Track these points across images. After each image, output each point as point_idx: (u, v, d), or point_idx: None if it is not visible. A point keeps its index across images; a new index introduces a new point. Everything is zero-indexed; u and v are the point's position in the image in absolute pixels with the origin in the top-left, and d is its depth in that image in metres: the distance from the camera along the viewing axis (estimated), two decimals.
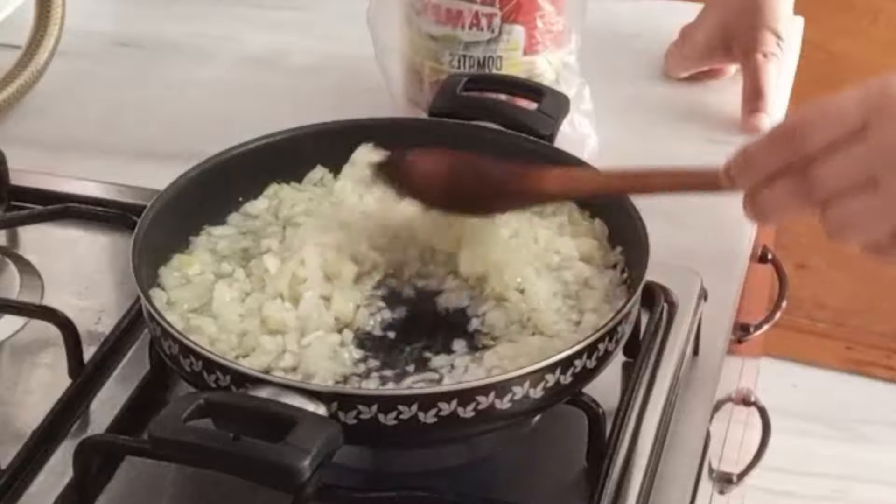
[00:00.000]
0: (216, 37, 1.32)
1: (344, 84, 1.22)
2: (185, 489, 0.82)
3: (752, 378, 1.53)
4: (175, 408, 0.71)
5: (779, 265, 1.27)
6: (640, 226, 0.85)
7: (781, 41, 1.19)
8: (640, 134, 1.15)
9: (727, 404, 1.19)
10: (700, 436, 0.88)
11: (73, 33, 1.24)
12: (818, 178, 0.72)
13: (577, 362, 0.77)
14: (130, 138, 1.16)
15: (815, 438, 2.24)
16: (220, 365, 0.75)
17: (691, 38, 1.23)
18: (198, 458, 0.71)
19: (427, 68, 1.11)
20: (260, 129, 0.95)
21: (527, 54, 1.09)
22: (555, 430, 0.84)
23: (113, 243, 1.01)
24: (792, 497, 2.12)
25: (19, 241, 1.02)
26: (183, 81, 1.25)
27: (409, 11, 1.11)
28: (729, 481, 1.21)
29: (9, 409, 0.86)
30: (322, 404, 0.72)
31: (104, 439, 0.82)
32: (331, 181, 0.95)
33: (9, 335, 0.91)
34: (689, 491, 0.85)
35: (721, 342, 0.95)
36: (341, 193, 0.93)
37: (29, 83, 1.19)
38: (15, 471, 0.80)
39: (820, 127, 0.72)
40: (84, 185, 1.06)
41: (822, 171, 0.72)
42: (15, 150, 1.07)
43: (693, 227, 1.03)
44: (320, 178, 0.95)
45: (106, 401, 0.85)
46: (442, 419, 0.74)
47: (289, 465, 0.67)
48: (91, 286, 0.97)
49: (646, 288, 0.86)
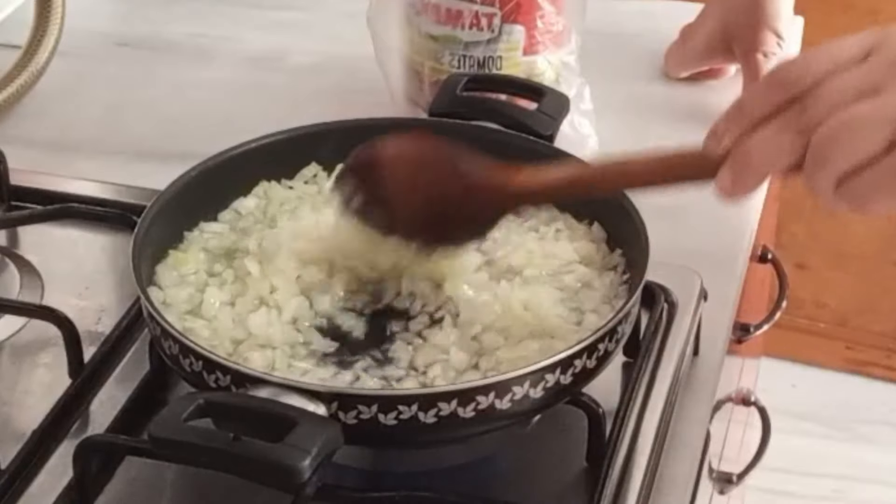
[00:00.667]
0: (216, 37, 1.32)
1: (344, 84, 1.22)
2: (185, 489, 0.82)
3: (752, 378, 1.53)
4: (175, 408, 0.71)
5: (779, 265, 1.27)
6: (640, 226, 0.85)
7: (782, 41, 1.19)
8: (640, 134, 1.15)
9: (727, 404, 1.19)
10: (700, 436, 0.88)
11: (73, 33, 1.24)
12: (818, 95, 0.68)
13: (577, 362, 0.77)
14: (130, 138, 1.16)
15: (815, 438, 2.24)
16: (220, 365, 0.75)
17: (691, 38, 1.23)
18: (198, 458, 0.71)
19: (427, 68, 1.11)
20: (259, 129, 0.95)
21: (527, 54, 1.09)
22: (555, 430, 0.84)
23: (113, 243, 1.01)
24: (792, 497, 2.12)
25: (19, 241, 1.02)
26: (183, 81, 1.25)
27: (409, 11, 1.11)
28: (729, 481, 1.21)
29: (9, 409, 0.86)
30: (322, 404, 0.72)
31: (104, 439, 0.82)
32: (323, 179, 0.95)
33: (9, 335, 0.91)
34: (689, 491, 0.85)
35: (721, 342, 0.95)
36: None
37: (29, 83, 1.19)
38: (15, 471, 0.80)
39: (821, 59, 0.69)
40: (84, 185, 1.06)
41: (823, 89, 0.68)
42: (15, 150, 1.07)
43: (693, 227, 1.03)
44: (313, 176, 0.95)
45: (106, 401, 0.85)
46: (442, 419, 0.74)
47: (289, 465, 0.67)
48: (91, 286, 0.97)
49: (646, 288, 0.86)
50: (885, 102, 0.67)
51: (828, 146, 0.68)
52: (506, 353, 0.80)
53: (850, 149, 0.67)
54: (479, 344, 0.81)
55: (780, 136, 0.69)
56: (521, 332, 0.82)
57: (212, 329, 0.82)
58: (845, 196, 0.69)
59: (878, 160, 0.67)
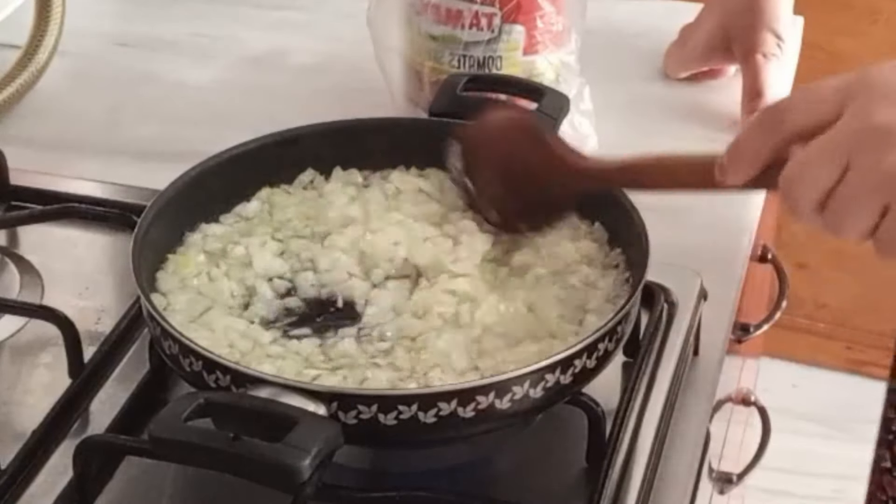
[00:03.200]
0: (216, 37, 1.32)
1: (344, 84, 1.22)
2: (185, 489, 0.82)
3: (752, 378, 1.53)
4: (175, 408, 0.71)
5: (779, 265, 1.27)
6: (640, 226, 0.85)
7: (781, 42, 1.19)
8: (640, 134, 1.15)
9: (727, 404, 1.19)
10: (700, 436, 0.88)
11: (73, 33, 1.24)
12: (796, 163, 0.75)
13: (577, 362, 0.77)
14: (130, 138, 1.16)
15: (815, 438, 2.24)
16: (220, 365, 0.75)
17: (691, 38, 1.23)
18: (198, 458, 0.71)
19: (427, 68, 1.11)
20: (260, 129, 0.95)
21: (527, 54, 1.09)
22: (555, 430, 0.84)
23: (113, 243, 1.01)
24: (792, 497, 2.12)
25: (19, 241, 1.02)
26: (183, 81, 1.25)
27: (409, 11, 1.11)
28: (729, 481, 1.21)
29: (9, 409, 0.86)
30: (322, 404, 0.72)
31: (104, 439, 0.82)
32: (322, 183, 0.95)
33: (9, 335, 0.91)
34: (689, 491, 0.85)
35: (721, 342, 0.95)
36: (331, 196, 0.93)
37: (29, 83, 1.19)
38: (15, 471, 0.80)
39: (800, 109, 0.75)
40: (84, 185, 1.06)
41: (798, 159, 0.74)
42: (15, 150, 1.07)
43: (693, 227, 1.03)
44: (310, 181, 0.95)
45: (106, 401, 0.85)
46: (442, 419, 0.74)
47: (289, 465, 0.67)
48: (91, 286, 0.97)
49: (646, 288, 0.86)
50: (859, 181, 0.74)
51: (833, 226, 0.75)
52: (507, 355, 0.80)
53: (853, 226, 0.75)
54: (480, 345, 0.81)
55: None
56: (523, 332, 0.82)
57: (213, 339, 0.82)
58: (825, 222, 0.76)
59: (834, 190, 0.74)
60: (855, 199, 0.73)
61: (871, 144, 0.73)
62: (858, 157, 0.73)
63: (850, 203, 0.74)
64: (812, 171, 0.74)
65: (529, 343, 0.81)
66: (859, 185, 0.73)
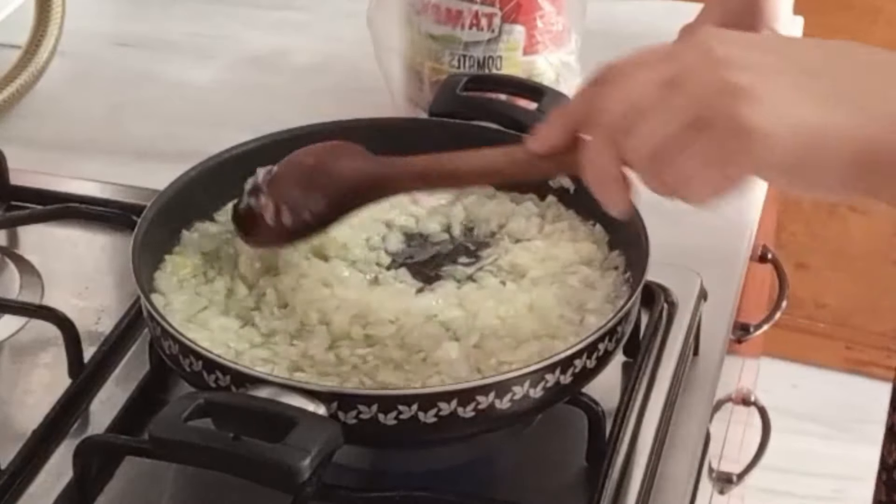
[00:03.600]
0: (216, 37, 1.32)
1: (344, 84, 1.22)
2: (185, 489, 0.82)
3: (752, 378, 1.53)
4: (175, 408, 0.71)
5: (779, 265, 1.27)
6: (640, 227, 0.85)
7: None
8: None
9: (727, 404, 1.19)
10: (700, 436, 0.88)
11: (73, 33, 1.24)
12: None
13: (577, 362, 0.77)
14: (130, 138, 1.16)
15: (815, 438, 2.24)
16: (220, 365, 0.75)
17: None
18: (198, 458, 0.71)
19: (427, 68, 1.11)
20: (260, 129, 0.95)
21: (527, 54, 1.09)
22: (555, 430, 0.84)
23: (113, 243, 1.01)
24: (792, 497, 2.12)
25: (19, 241, 1.02)
26: (183, 81, 1.25)
27: (409, 11, 1.11)
28: (729, 481, 1.21)
29: (9, 409, 0.86)
30: (322, 404, 0.72)
31: (104, 439, 0.82)
32: None
33: (9, 335, 0.91)
34: (689, 491, 0.85)
35: (721, 342, 0.95)
36: None
37: (29, 83, 1.19)
38: (15, 471, 0.80)
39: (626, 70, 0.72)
40: (84, 185, 1.06)
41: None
42: (15, 150, 1.07)
43: (693, 227, 1.03)
44: None
45: (106, 401, 0.85)
46: (442, 419, 0.74)
47: (289, 465, 0.67)
48: (91, 286, 0.97)
49: (646, 288, 0.86)
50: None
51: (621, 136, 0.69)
52: (507, 355, 0.80)
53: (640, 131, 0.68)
54: (481, 346, 0.81)
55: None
56: (524, 333, 0.82)
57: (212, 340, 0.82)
58: (665, 186, 0.69)
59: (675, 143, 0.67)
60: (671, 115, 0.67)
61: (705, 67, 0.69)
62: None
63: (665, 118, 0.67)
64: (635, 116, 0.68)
65: (529, 343, 0.81)
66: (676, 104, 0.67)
